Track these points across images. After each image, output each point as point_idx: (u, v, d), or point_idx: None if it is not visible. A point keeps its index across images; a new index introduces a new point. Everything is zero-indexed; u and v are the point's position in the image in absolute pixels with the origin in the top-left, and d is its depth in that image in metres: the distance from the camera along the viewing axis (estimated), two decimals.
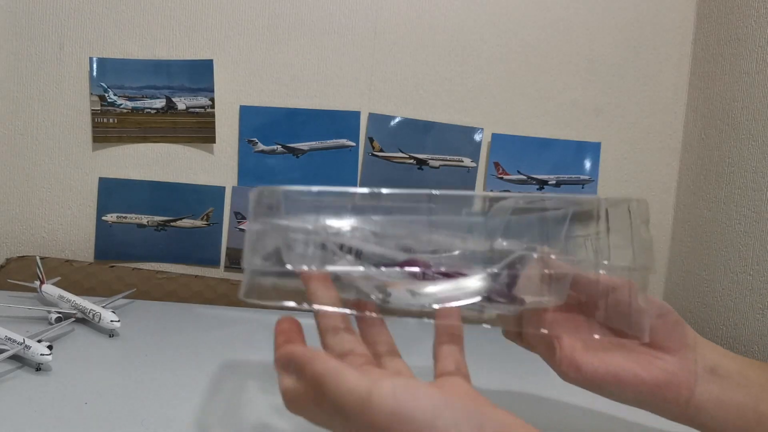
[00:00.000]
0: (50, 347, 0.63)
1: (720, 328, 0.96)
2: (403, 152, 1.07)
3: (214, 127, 1.03)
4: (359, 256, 0.42)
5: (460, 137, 1.07)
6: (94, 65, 1.01)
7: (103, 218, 1.03)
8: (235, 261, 1.05)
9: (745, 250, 0.92)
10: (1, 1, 0.99)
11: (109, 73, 1.01)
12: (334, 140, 1.06)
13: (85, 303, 0.80)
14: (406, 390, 0.32)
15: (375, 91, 1.06)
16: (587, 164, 1.10)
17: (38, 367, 0.63)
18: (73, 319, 0.79)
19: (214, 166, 1.05)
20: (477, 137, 1.08)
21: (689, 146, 1.10)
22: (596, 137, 1.10)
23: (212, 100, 1.03)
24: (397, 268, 0.41)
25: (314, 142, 1.05)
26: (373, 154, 1.06)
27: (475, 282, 0.39)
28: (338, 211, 0.42)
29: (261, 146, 1.05)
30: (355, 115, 1.05)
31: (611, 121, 1.10)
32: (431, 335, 0.39)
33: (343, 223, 0.42)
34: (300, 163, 1.05)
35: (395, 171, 1.07)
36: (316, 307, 0.39)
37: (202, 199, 1.04)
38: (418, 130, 1.07)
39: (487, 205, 0.43)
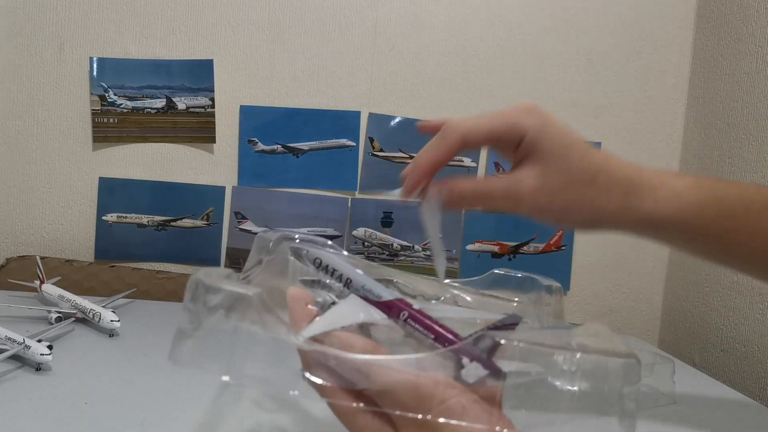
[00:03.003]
0: (50, 347, 0.63)
1: (720, 328, 0.96)
2: (403, 152, 1.07)
3: (214, 127, 1.03)
4: (348, 285, 0.40)
5: None
6: (94, 65, 1.01)
7: (104, 218, 1.03)
8: (235, 261, 1.05)
9: None
10: (1, 1, 0.99)
11: (109, 73, 1.01)
12: (334, 140, 1.06)
13: (85, 303, 0.80)
14: None
15: (375, 91, 1.06)
16: None
17: (38, 367, 0.63)
18: (73, 319, 0.79)
19: (214, 166, 1.05)
20: None
21: (689, 146, 1.10)
22: (596, 137, 1.10)
23: (212, 100, 1.02)
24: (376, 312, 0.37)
25: (314, 142, 1.05)
26: (373, 154, 1.06)
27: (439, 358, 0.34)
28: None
29: (261, 146, 1.05)
30: (355, 115, 1.05)
31: (611, 121, 1.10)
32: None
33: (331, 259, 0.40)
34: (300, 163, 1.05)
35: (395, 171, 1.07)
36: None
37: (202, 199, 1.04)
38: (418, 130, 1.06)
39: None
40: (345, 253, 0.42)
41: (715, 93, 1.03)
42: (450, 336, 0.36)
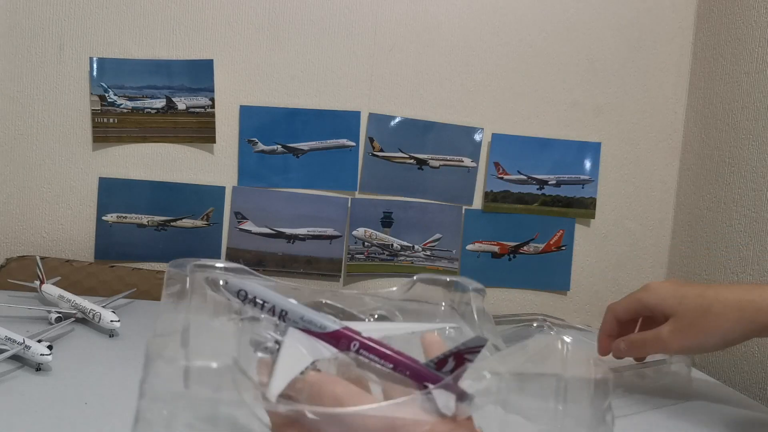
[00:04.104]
0: (50, 347, 0.63)
1: None
2: (403, 152, 1.07)
3: (214, 127, 1.03)
4: (283, 317, 0.36)
5: (460, 137, 1.07)
6: (94, 65, 1.01)
7: (103, 218, 1.03)
8: (235, 261, 1.04)
9: (745, 250, 0.92)
10: (1, 1, 0.99)
11: (109, 73, 1.01)
12: (334, 140, 1.06)
13: (85, 303, 0.80)
14: None
15: (375, 91, 1.06)
16: (587, 164, 1.10)
17: (38, 367, 0.63)
18: (73, 319, 0.79)
19: (214, 166, 1.04)
20: (477, 137, 1.08)
21: (689, 146, 1.10)
22: (596, 137, 1.10)
23: (212, 100, 1.02)
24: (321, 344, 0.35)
25: (314, 142, 1.05)
26: (373, 154, 1.06)
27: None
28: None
29: (261, 146, 1.05)
30: (355, 115, 1.05)
31: (611, 121, 1.10)
32: None
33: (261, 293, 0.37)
34: (300, 163, 1.05)
35: (395, 171, 1.07)
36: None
37: (202, 199, 1.04)
38: (418, 130, 1.07)
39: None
40: (260, 276, 0.39)
41: (715, 93, 1.03)
42: (409, 362, 0.34)
